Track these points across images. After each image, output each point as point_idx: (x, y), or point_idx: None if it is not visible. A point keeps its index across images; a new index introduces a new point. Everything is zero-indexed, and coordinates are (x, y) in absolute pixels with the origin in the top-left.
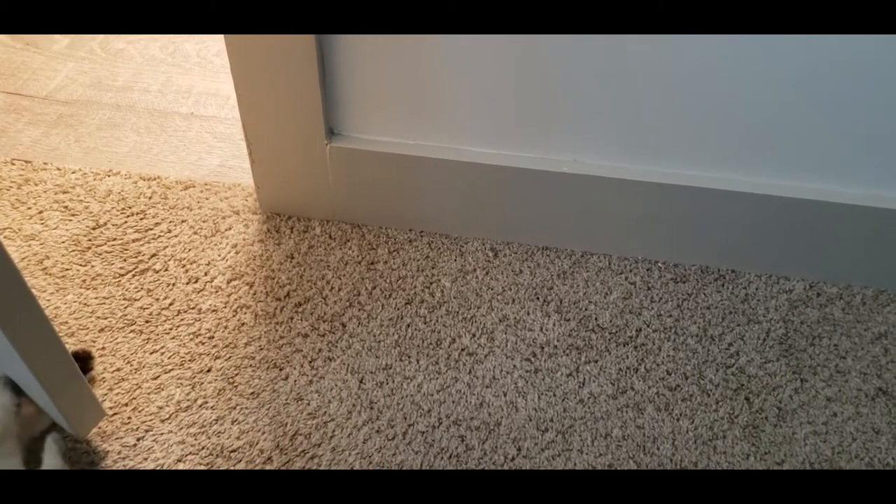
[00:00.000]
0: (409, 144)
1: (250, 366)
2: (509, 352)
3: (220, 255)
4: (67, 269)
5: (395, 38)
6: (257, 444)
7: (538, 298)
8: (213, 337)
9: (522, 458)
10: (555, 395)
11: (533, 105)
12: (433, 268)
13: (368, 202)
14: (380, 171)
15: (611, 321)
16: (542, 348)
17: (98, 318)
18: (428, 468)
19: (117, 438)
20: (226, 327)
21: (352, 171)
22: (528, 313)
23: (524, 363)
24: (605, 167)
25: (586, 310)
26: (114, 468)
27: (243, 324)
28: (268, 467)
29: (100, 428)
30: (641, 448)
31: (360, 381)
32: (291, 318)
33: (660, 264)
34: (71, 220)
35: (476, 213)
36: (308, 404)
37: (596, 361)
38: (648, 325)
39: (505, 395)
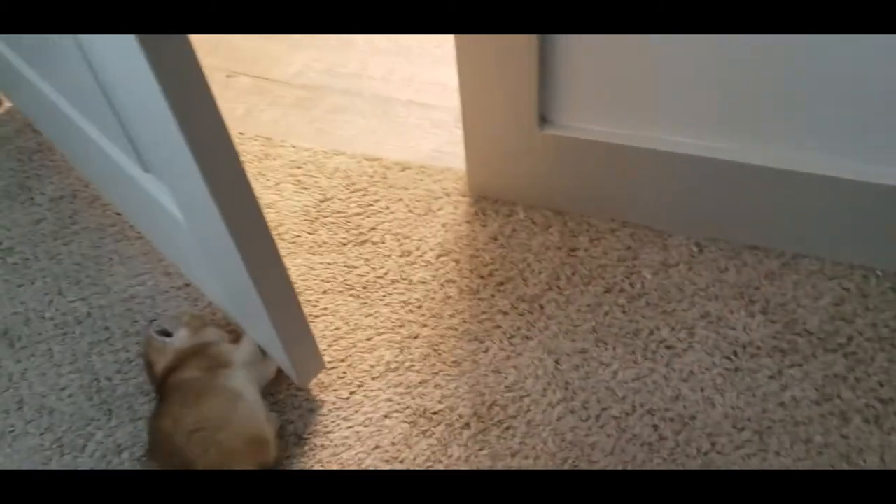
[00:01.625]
0: (618, 134)
1: (454, 336)
2: (709, 348)
3: (430, 233)
4: (298, 236)
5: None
6: (457, 409)
7: (743, 297)
8: (421, 306)
9: (716, 453)
10: (754, 396)
11: (746, 97)
12: (635, 259)
13: (574, 190)
14: (588, 159)
15: (819, 326)
16: (744, 348)
17: (322, 281)
18: (620, 453)
19: (333, 390)
20: (433, 298)
21: (561, 159)
22: (732, 312)
23: (724, 361)
24: (820, 164)
25: (794, 313)
26: (328, 417)
27: (449, 297)
28: (465, 433)
29: (318, 379)
30: (845, 458)
31: (556, 362)
32: (493, 296)
33: (878, 272)
34: (302, 193)
35: (682, 206)
36: (506, 378)
37: (801, 366)
38: (861, 334)
39: (702, 390)
